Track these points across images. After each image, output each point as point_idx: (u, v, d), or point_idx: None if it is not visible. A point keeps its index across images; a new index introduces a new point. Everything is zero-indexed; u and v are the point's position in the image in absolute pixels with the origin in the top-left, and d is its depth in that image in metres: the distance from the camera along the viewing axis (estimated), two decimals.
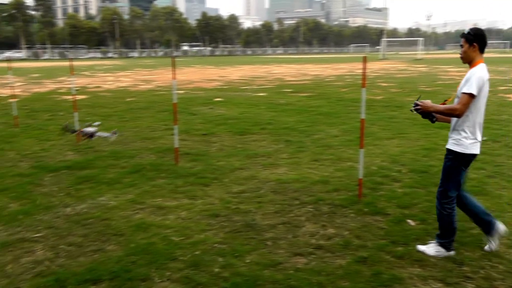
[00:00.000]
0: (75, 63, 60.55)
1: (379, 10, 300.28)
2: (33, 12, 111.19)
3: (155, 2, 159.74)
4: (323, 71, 36.50)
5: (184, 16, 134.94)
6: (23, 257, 4.46)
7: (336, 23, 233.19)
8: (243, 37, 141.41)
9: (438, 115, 4.36)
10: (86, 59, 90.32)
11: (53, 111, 14.44)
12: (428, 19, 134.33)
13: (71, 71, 10.37)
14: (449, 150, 4.29)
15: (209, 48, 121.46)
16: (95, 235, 4.90)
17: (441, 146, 7.98)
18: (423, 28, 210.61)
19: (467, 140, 4.18)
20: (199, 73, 35.10)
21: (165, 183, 6.64)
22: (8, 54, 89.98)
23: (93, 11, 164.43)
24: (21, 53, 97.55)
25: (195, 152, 8.47)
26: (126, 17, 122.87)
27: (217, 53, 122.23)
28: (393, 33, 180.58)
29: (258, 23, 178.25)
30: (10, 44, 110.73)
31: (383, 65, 44.81)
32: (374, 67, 39.84)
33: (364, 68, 5.65)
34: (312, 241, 4.69)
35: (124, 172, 7.24)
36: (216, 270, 4.11)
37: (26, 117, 13.14)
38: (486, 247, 4.46)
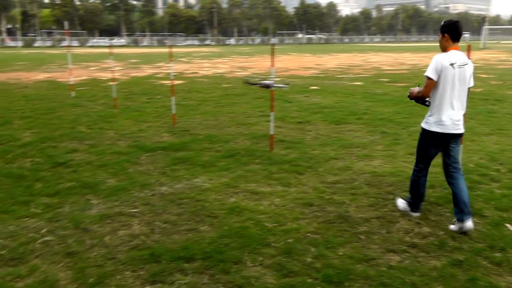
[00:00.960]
0: (173, 49, 62.71)
1: None
2: (134, 2, 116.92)
3: None
4: (420, 60, 35.05)
5: (282, 4, 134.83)
6: (120, 230, 4.68)
7: (436, 9, 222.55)
8: (340, 25, 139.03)
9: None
10: (184, 46, 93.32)
11: (150, 94, 15.06)
12: None
13: (170, 57, 10.71)
14: (421, 127, 4.86)
15: (306, 36, 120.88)
16: (189, 214, 5.02)
17: None
18: None
19: (432, 118, 4.70)
20: (295, 61, 35.02)
21: (259, 169, 6.66)
22: (110, 40, 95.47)
23: (192, 0, 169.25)
24: (122, 40, 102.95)
25: (290, 140, 8.44)
26: (224, 5, 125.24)
27: (314, 41, 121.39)
28: (496, 20, 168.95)
29: (356, 10, 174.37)
30: (112, 31, 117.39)
31: (484, 55, 42.12)
32: (474, 57, 37.49)
33: (469, 58, 5.21)
34: (406, 239, 4.49)
35: (219, 155, 7.37)
36: (309, 260, 4.05)
37: (125, 100, 13.80)
38: (452, 227, 4.71)
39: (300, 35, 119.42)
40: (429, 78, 4.56)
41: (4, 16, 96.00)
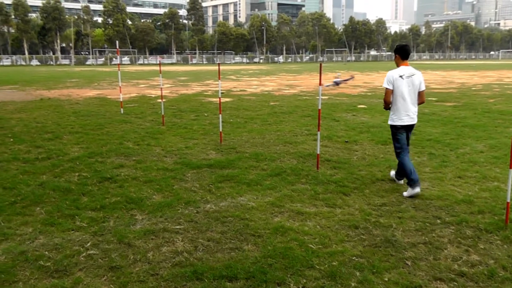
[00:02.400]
0: (222, 67, 63.68)
1: None
2: (185, 21, 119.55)
3: (303, 9, 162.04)
4: (469, 79, 34.17)
5: (331, 21, 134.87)
6: (163, 246, 4.74)
7: (486, 26, 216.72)
8: (389, 42, 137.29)
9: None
10: (232, 64, 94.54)
11: (197, 111, 15.27)
12: None
13: (218, 75, 10.86)
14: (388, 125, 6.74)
15: (354, 54, 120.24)
16: (233, 233, 5.03)
17: None
18: None
19: (394, 116, 6.55)
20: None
21: (305, 188, 6.63)
22: (160, 59, 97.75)
23: (242, 19, 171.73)
24: (172, 58, 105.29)
25: (336, 160, 8.36)
26: (274, 23, 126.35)
27: (362, 58, 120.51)
28: None
29: (405, 27, 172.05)
30: (162, 50, 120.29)
31: None
32: None
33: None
34: (454, 267, 4.32)
35: (264, 174, 7.37)
36: (353, 284, 3.97)
37: (173, 117, 14.04)
38: (405, 193, 6.40)
39: (348, 53, 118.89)
40: (386, 88, 6.49)
41: (58, 35, 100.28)
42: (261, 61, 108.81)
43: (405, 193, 6.39)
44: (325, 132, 11.02)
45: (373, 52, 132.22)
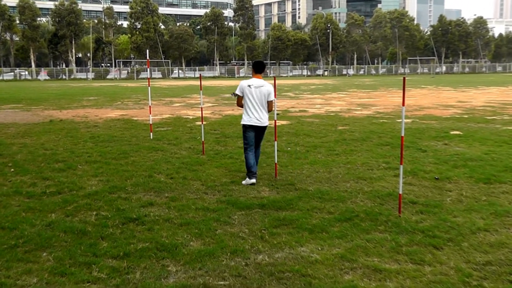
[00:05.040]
0: (278, 81, 63.99)
1: None
2: (231, 24, 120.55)
3: (379, 5, 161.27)
4: None
5: (415, 22, 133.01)
6: None
7: None
8: (491, 48, 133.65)
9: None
10: (290, 77, 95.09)
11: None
12: None
13: (274, 92, 10.89)
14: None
15: (445, 64, 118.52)
16: None
17: None
18: None
19: (244, 117, 9.69)
20: (431, 97, 34.48)
21: (383, 238, 6.56)
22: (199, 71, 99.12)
23: (302, 20, 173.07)
24: (215, 71, 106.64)
25: (423, 202, 8.24)
26: (342, 25, 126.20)
27: (455, 69, 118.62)
28: None
29: None
30: (203, 60, 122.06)
31: None
32: None
33: None
34: None
35: (331, 218, 7.34)
36: None
37: (215, 143, 14.26)
38: (243, 182, 9.60)
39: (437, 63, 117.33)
40: (237, 95, 9.82)
41: (74, 44, 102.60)
42: (326, 73, 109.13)
43: (243, 182, 9.61)
44: (409, 165, 10.91)
45: (470, 62, 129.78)
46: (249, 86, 9.60)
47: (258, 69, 9.85)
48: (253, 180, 9.51)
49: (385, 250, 6.17)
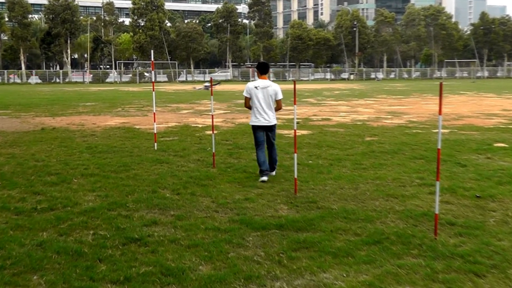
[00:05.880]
0: (298, 86, 64.12)
1: None
2: (245, 21, 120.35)
3: (412, 1, 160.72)
4: None
5: (453, 19, 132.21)
6: None
7: None
8: None
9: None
10: (311, 81, 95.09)
11: None
12: None
13: (294, 97, 10.88)
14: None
15: (487, 68, 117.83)
16: None
17: None
18: None
19: (252, 117, 11.36)
20: (471, 104, 34.41)
21: (417, 264, 6.53)
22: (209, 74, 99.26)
23: (325, 16, 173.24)
24: (227, 73, 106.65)
25: (463, 223, 8.20)
26: (370, 23, 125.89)
27: (499, 73, 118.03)
28: None
29: None
30: (213, 61, 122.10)
31: None
32: None
33: None
34: None
35: (358, 241, 7.31)
36: None
37: (227, 155, 14.33)
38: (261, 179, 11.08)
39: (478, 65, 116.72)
40: (245, 96, 11.53)
41: (69, 43, 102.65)
42: (352, 77, 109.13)
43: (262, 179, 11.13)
44: (447, 182, 10.86)
45: None
46: (255, 87, 11.21)
47: (263, 70, 11.48)
48: (264, 178, 11.02)
49: (419, 277, 6.14)
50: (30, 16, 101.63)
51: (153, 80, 17.39)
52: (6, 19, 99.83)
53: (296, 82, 10.95)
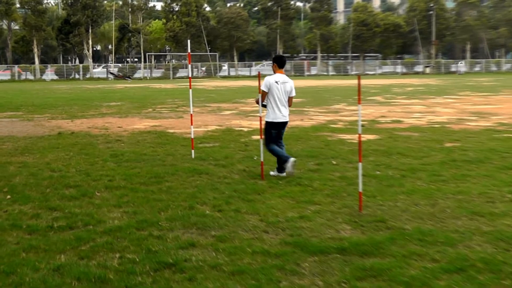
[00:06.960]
0: (363, 81, 64.00)
1: None
2: (299, 4, 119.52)
3: None
4: None
5: None
6: None
7: None
8: None
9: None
10: (379, 75, 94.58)
11: (320, 157, 15.49)
12: None
13: (358, 95, 10.82)
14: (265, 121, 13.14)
15: None
16: None
17: None
18: None
19: (270, 114, 12.89)
20: None
21: None
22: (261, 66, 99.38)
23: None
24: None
25: None
26: (450, 5, 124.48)
27: None
28: None
29: None
30: (261, 52, 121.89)
31: None
32: None
33: None
34: None
35: (436, 268, 7.21)
36: None
37: None
38: (283, 172, 12.89)
39: None
40: (263, 91, 12.71)
41: (91, 33, 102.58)
42: (428, 70, 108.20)
43: (271, 173, 12.97)
44: None
45: None
46: (276, 82, 12.72)
47: (281, 64, 13.06)
48: (292, 158, 12.73)
49: None
50: (45, 1, 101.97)
51: (190, 75, 17.41)
52: (18, 5, 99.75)
53: (360, 76, 10.83)
